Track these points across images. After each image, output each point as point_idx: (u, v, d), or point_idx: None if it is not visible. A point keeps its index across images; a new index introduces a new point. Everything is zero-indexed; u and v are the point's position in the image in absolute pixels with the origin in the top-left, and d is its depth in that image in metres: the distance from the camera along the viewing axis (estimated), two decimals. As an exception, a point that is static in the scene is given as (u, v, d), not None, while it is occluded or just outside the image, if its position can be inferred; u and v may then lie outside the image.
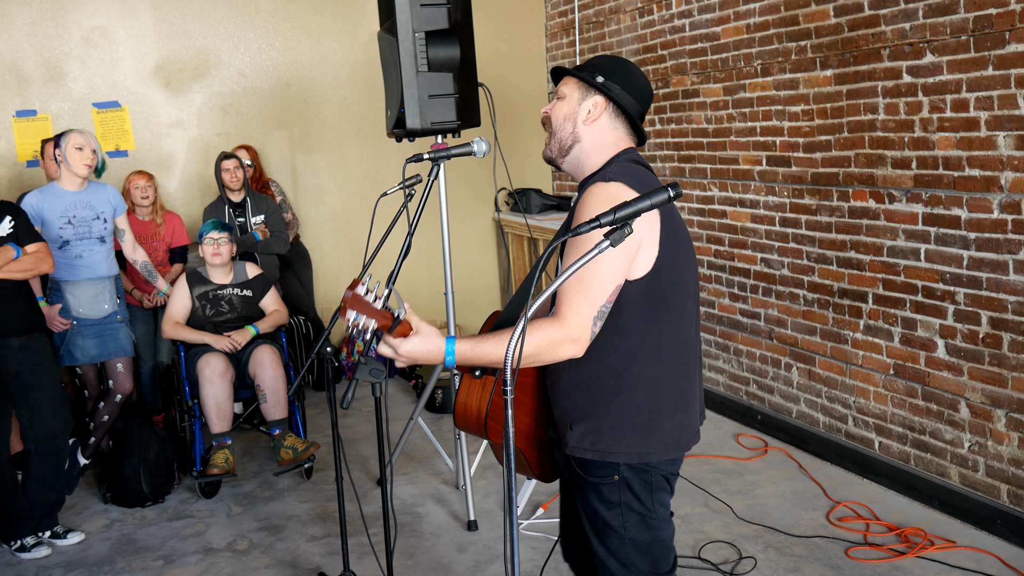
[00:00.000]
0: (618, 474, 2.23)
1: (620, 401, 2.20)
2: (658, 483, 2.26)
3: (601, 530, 2.28)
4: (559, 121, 2.33)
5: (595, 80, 2.28)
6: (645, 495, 2.25)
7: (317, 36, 6.66)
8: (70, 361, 4.64)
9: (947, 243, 3.94)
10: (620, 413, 2.20)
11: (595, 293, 2.06)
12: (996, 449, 3.83)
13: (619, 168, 2.21)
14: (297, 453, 4.54)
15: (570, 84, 2.34)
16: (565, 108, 2.33)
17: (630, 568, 2.28)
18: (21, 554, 4.07)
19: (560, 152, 2.34)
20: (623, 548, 2.27)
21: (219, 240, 4.84)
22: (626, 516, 2.25)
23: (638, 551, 2.27)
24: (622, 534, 2.26)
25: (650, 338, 2.18)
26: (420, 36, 3.97)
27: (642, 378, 2.20)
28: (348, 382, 3.68)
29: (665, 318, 2.20)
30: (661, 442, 2.22)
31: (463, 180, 6.80)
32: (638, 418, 2.21)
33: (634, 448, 2.21)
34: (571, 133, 2.31)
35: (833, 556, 3.73)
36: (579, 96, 2.31)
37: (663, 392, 2.22)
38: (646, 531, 2.27)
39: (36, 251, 4.05)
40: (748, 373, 5.29)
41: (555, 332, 2.05)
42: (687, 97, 5.55)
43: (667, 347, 2.21)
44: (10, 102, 5.96)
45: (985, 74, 3.69)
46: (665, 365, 2.22)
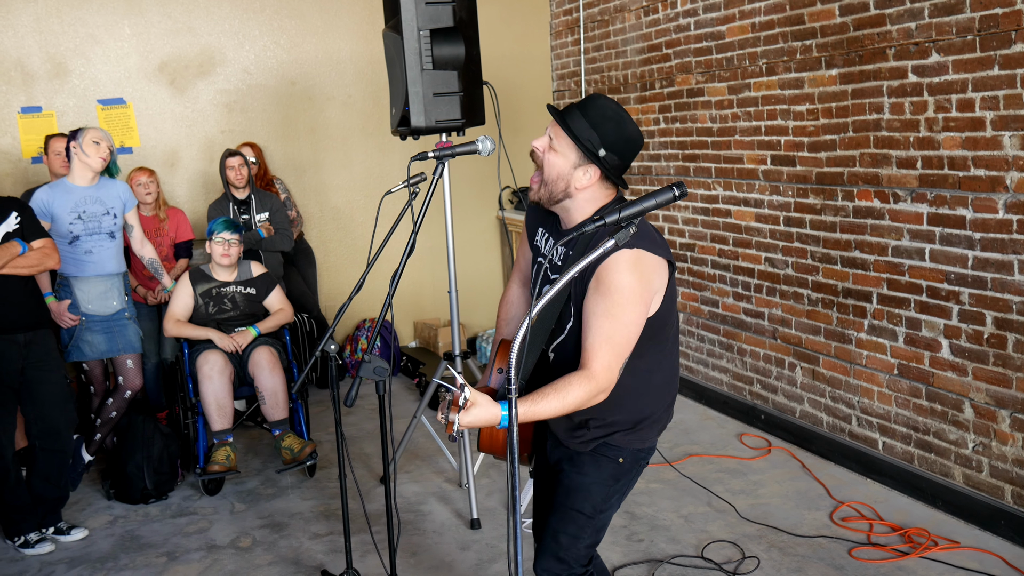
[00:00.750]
0: (623, 457, 2.48)
1: (636, 406, 2.46)
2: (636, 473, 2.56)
3: (578, 503, 2.48)
4: (552, 177, 2.37)
5: (597, 153, 2.32)
6: (629, 484, 2.55)
7: (322, 34, 6.66)
8: (78, 356, 4.65)
9: (952, 243, 3.93)
10: (635, 415, 2.47)
11: (622, 349, 2.27)
12: (1000, 449, 3.82)
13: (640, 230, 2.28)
14: (295, 453, 4.54)
15: (565, 144, 2.34)
16: (559, 166, 2.35)
17: (579, 539, 2.51)
18: (25, 550, 4.08)
19: (550, 201, 2.42)
20: (591, 522, 2.49)
21: (230, 241, 4.83)
22: (612, 495, 2.51)
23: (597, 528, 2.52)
24: (597, 511, 2.49)
25: (656, 356, 2.44)
26: (425, 34, 3.97)
27: (652, 387, 2.48)
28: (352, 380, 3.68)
29: (669, 334, 2.47)
30: (656, 429, 2.54)
31: (467, 178, 6.80)
32: (643, 418, 2.48)
33: (641, 440, 2.49)
34: (563, 191, 2.38)
35: (836, 556, 3.73)
36: (575, 159, 2.34)
37: (666, 392, 2.54)
38: (608, 515, 2.53)
39: (42, 247, 4.05)
40: (752, 373, 5.29)
41: (590, 388, 2.23)
42: (692, 96, 5.55)
43: (670, 356, 2.51)
44: (15, 98, 5.97)
45: (991, 74, 3.68)
46: (667, 372, 2.52)
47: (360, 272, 6.66)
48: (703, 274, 5.62)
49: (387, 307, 2.97)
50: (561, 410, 2.22)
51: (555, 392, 2.22)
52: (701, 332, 5.72)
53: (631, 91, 6.19)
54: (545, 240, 2.55)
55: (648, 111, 6.02)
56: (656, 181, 6.02)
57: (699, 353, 5.77)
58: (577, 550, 2.50)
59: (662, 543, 3.90)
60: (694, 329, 5.79)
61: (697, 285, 5.70)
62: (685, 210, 5.72)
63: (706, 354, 5.70)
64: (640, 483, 4.48)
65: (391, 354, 6.54)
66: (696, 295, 5.72)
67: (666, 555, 3.80)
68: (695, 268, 5.70)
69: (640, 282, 2.26)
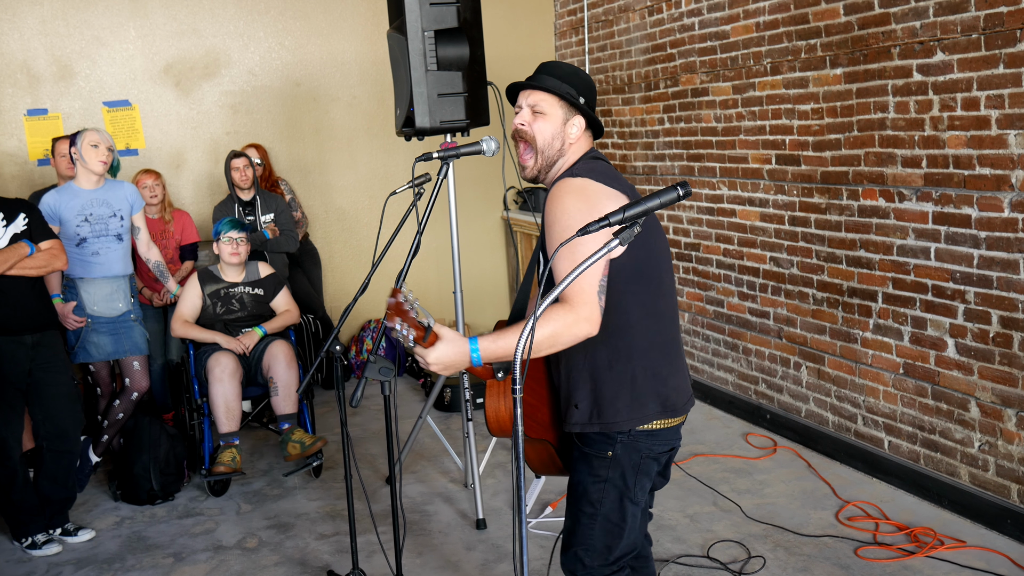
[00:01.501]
0: (612, 451, 2.36)
1: (615, 373, 2.34)
2: (645, 467, 2.40)
3: (579, 500, 2.43)
4: (547, 140, 2.44)
5: (578, 101, 2.42)
6: (631, 476, 2.39)
7: (326, 35, 6.67)
8: (85, 358, 4.66)
9: (957, 242, 3.92)
10: (617, 384, 2.35)
11: (591, 272, 2.17)
12: (1006, 448, 3.81)
13: (584, 165, 2.38)
14: (304, 447, 4.55)
15: (552, 103, 2.43)
16: (551, 128, 2.43)
17: (588, 544, 2.43)
18: (32, 551, 4.10)
19: (547, 168, 2.47)
20: (592, 523, 2.41)
21: (238, 239, 4.85)
22: (607, 491, 2.39)
23: (604, 527, 2.41)
24: (596, 508, 2.40)
25: (634, 311, 2.33)
26: (429, 35, 3.98)
27: (633, 349, 2.35)
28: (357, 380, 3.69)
29: (645, 291, 2.35)
30: (659, 405, 2.36)
31: (472, 179, 6.81)
32: (635, 387, 2.35)
33: (635, 414, 2.34)
34: (559, 150, 2.45)
35: (842, 556, 3.73)
36: (563, 116, 2.43)
37: (654, 359, 2.37)
38: (618, 511, 2.40)
39: (50, 248, 4.07)
40: (757, 372, 5.28)
41: (567, 314, 2.15)
42: (696, 96, 5.55)
43: (650, 317, 2.37)
44: (21, 101, 5.99)
45: (996, 72, 3.67)
46: (652, 334, 2.37)
47: (365, 273, 6.67)
48: (708, 274, 5.62)
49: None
50: (537, 342, 2.12)
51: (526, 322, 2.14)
52: (706, 332, 5.72)
53: (635, 91, 6.19)
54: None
55: (652, 111, 6.02)
56: (660, 181, 6.02)
57: (704, 353, 5.77)
58: (591, 548, 2.43)
59: (668, 543, 3.90)
60: (699, 329, 5.79)
61: (702, 285, 5.69)
62: (690, 210, 5.72)
63: (711, 354, 5.69)
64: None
65: (396, 355, 6.54)
66: (701, 295, 5.71)
67: (672, 555, 3.79)
68: (700, 268, 5.69)
69: (587, 204, 2.22)
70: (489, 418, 2.43)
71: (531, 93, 2.46)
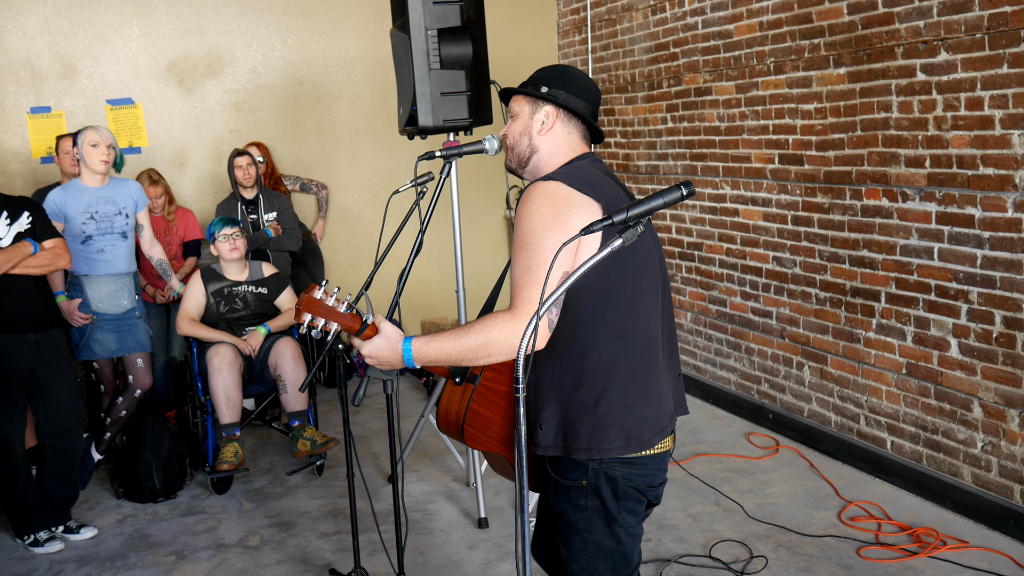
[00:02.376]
0: (586, 479, 2.23)
1: (579, 395, 2.20)
2: (625, 493, 2.26)
3: (566, 531, 2.32)
4: (515, 137, 2.42)
5: (540, 91, 2.37)
6: (612, 502, 2.25)
7: (330, 33, 6.67)
8: (88, 355, 4.67)
9: (961, 242, 3.92)
10: (580, 408, 2.20)
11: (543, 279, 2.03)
12: (1009, 449, 3.81)
13: (563, 170, 2.27)
14: (315, 445, 4.56)
15: (519, 101, 2.43)
16: (519, 125, 2.42)
17: (589, 570, 2.32)
18: (34, 548, 4.10)
19: (520, 164, 2.44)
20: (585, 551, 2.30)
21: (232, 235, 4.86)
22: (591, 520, 2.27)
23: (599, 554, 2.30)
24: (586, 537, 2.29)
25: (602, 331, 2.19)
26: (433, 34, 3.98)
27: (598, 371, 2.19)
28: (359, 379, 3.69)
29: (615, 311, 2.19)
30: (621, 436, 2.20)
31: (474, 178, 6.81)
32: (596, 412, 2.19)
33: (594, 443, 2.19)
34: (528, 146, 2.40)
35: (845, 556, 3.72)
36: (530, 110, 2.40)
37: (620, 385, 2.20)
38: (609, 537, 2.29)
39: (53, 247, 4.07)
40: (760, 372, 5.28)
41: (507, 322, 2.06)
42: (699, 95, 5.54)
43: (619, 339, 2.20)
44: (24, 99, 5.99)
45: (1000, 72, 3.66)
46: (619, 358, 2.20)
47: (368, 271, 6.68)
48: (711, 273, 5.62)
49: (394, 306, 2.98)
50: (466, 346, 2.06)
51: (464, 326, 2.09)
52: (709, 331, 5.71)
53: (639, 90, 6.19)
54: None
55: (656, 110, 6.01)
56: (664, 180, 6.02)
57: (707, 352, 5.76)
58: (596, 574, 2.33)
59: (670, 542, 3.90)
60: (702, 328, 5.79)
61: (705, 284, 5.69)
62: (693, 209, 5.72)
63: (714, 353, 5.69)
64: (648, 482, 4.47)
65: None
66: (704, 294, 5.71)
67: (674, 554, 3.79)
68: (703, 267, 5.69)
69: (553, 211, 2.12)
70: (439, 414, 2.39)
71: (510, 103, 2.47)
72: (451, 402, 2.36)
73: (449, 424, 2.38)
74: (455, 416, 2.34)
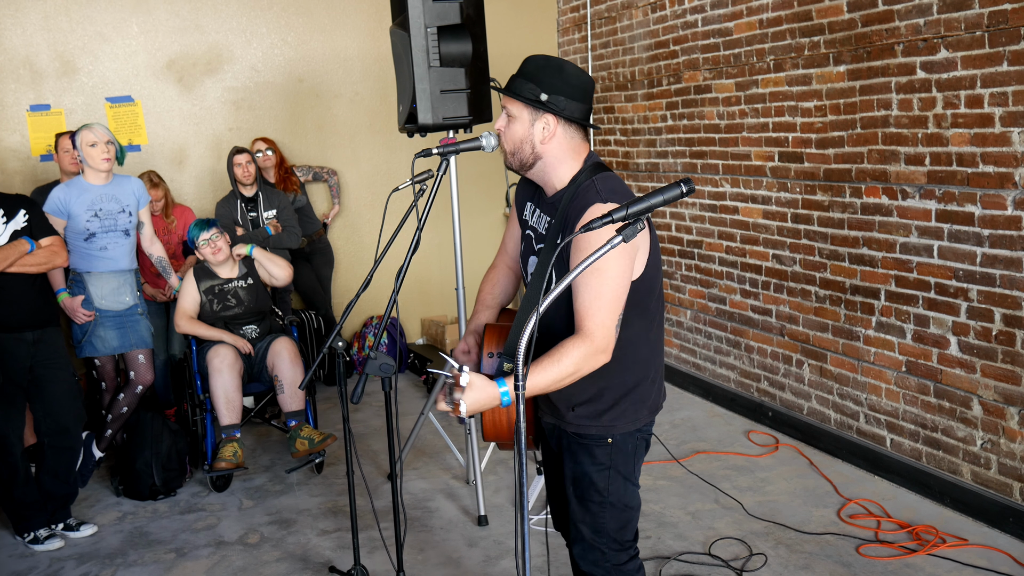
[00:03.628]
0: (612, 437, 2.43)
1: (619, 381, 2.41)
2: (640, 448, 2.50)
3: (585, 492, 2.46)
4: (516, 144, 2.41)
5: (539, 99, 2.35)
6: (631, 459, 2.47)
7: (329, 31, 6.66)
8: (91, 352, 4.67)
9: (960, 240, 3.92)
10: (620, 392, 2.41)
11: (614, 305, 2.22)
12: (1009, 447, 3.81)
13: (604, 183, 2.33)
14: (313, 444, 4.56)
15: (518, 105, 2.40)
16: (519, 131, 2.40)
17: (601, 532, 2.47)
18: (34, 546, 4.10)
19: (523, 167, 2.45)
20: (602, 510, 2.45)
21: (211, 238, 4.85)
22: (612, 478, 2.44)
23: (614, 514, 2.46)
24: (604, 496, 2.44)
25: (644, 325, 2.40)
26: (432, 31, 3.97)
27: (639, 359, 2.42)
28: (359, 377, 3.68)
29: (654, 306, 2.43)
30: (649, 408, 2.48)
31: (474, 175, 6.80)
32: (635, 393, 2.43)
33: (630, 417, 2.43)
34: (531, 154, 2.41)
35: (844, 553, 3.73)
36: (529, 117, 2.38)
37: (652, 367, 2.47)
38: (624, 495, 2.46)
39: (50, 245, 4.07)
40: (759, 370, 5.28)
41: (587, 349, 2.19)
42: (699, 92, 5.54)
43: (656, 329, 2.46)
44: (24, 96, 5.99)
45: (1000, 70, 3.66)
46: (654, 344, 2.47)
47: (367, 270, 6.68)
48: (710, 271, 5.61)
49: (392, 304, 2.98)
50: (559, 375, 2.17)
51: (550, 358, 2.18)
52: (708, 329, 5.71)
53: (638, 88, 6.19)
54: (532, 212, 2.57)
55: (655, 108, 6.01)
56: (663, 178, 6.02)
57: (706, 350, 5.76)
58: (606, 537, 2.46)
59: (669, 540, 3.90)
60: (701, 326, 5.78)
61: (704, 282, 5.69)
62: (692, 207, 5.72)
63: (713, 351, 5.69)
64: (647, 480, 4.48)
65: (398, 351, 6.54)
66: (703, 292, 5.71)
67: (673, 552, 3.79)
68: (702, 265, 5.69)
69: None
70: (486, 424, 2.42)
71: (504, 99, 2.44)
72: (497, 410, 2.40)
73: (501, 430, 2.44)
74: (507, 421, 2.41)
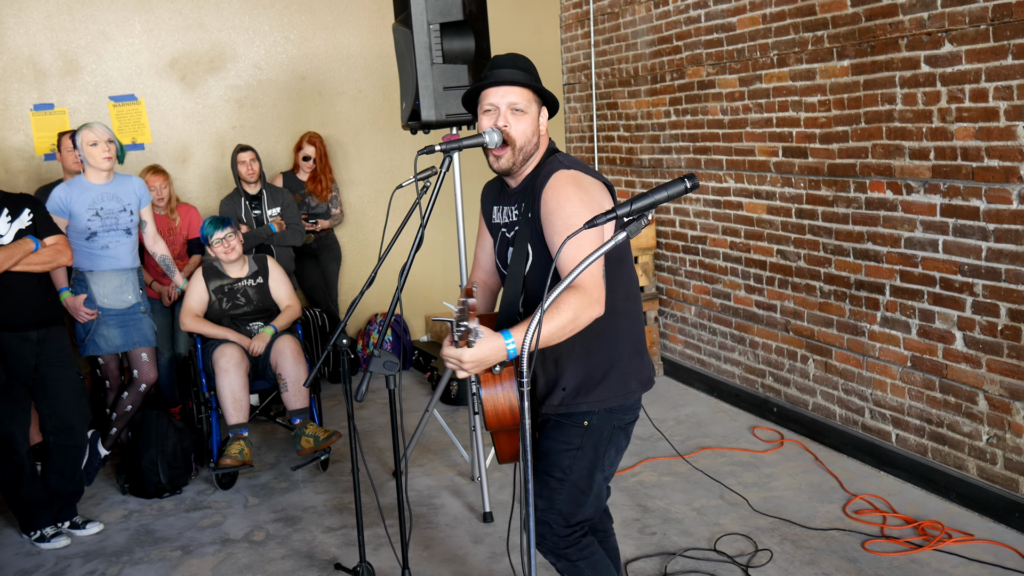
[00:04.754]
0: (588, 420, 2.46)
1: (603, 355, 2.46)
2: (615, 438, 2.52)
3: (548, 468, 2.50)
4: (527, 135, 2.46)
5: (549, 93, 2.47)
6: (602, 445, 2.50)
7: (332, 29, 6.66)
8: (94, 351, 4.68)
9: (965, 234, 3.91)
10: (606, 365, 2.47)
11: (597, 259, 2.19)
12: (1015, 442, 3.80)
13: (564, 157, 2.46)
14: (318, 441, 4.56)
15: (526, 96, 2.44)
16: (529, 123, 2.45)
17: (553, 507, 2.51)
18: (41, 544, 4.11)
19: (523, 160, 2.49)
20: (560, 487, 2.49)
21: (225, 237, 4.85)
22: (578, 459, 2.48)
23: (570, 495, 2.49)
24: (566, 475, 2.48)
25: (619, 294, 2.44)
26: (435, 28, 3.97)
27: (619, 329, 2.47)
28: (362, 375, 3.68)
29: (626, 275, 2.49)
30: (638, 380, 2.52)
31: (478, 172, 6.78)
32: (620, 364, 2.48)
33: (619, 391, 2.47)
34: (535, 144, 2.49)
35: (850, 549, 3.72)
36: (536, 109, 2.48)
37: (634, 337, 2.53)
38: (587, 479, 2.50)
39: (55, 243, 4.08)
40: (764, 365, 5.28)
41: (581, 298, 2.22)
42: (703, 88, 5.53)
43: (632, 298, 2.52)
44: (27, 96, 6.00)
45: (1004, 63, 3.65)
46: (633, 314, 2.52)
47: (371, 267, 6.68)
48: (715, 267, 5.61)
49: (396, 301, 2.98)
50: (560, 324, 2.19)
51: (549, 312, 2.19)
52: (713, 325, 5.71)
53: (642, 83, 6.18)
54: (499, 211, 2.61)
55: (659, 103, 6.00)
56: (667, 173, 6.01)
57: (711, 346, 5.76)
58: (554, 512, 2.51)
59: (675, 536, 3.90)
60: (706, 322, 5.78)
61: (709, 278, 5.68)
62: (696, 202, 5.71)
63: (718, 347, 5.68)
64: (652, 476, 4.48)
65: (402, 348, 6.55)
66: (708, 287, 5.70)
67: (679, 548, 3.79)
68: (707, 260, 5.68)
69: (587, 194, 2.34)
70: (487, 412, 2.42)
71: (509, 91, 2.43)
72: (497, 396, 2.43)
73: (504, 417, 2.44)
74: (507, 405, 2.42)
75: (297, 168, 6.34)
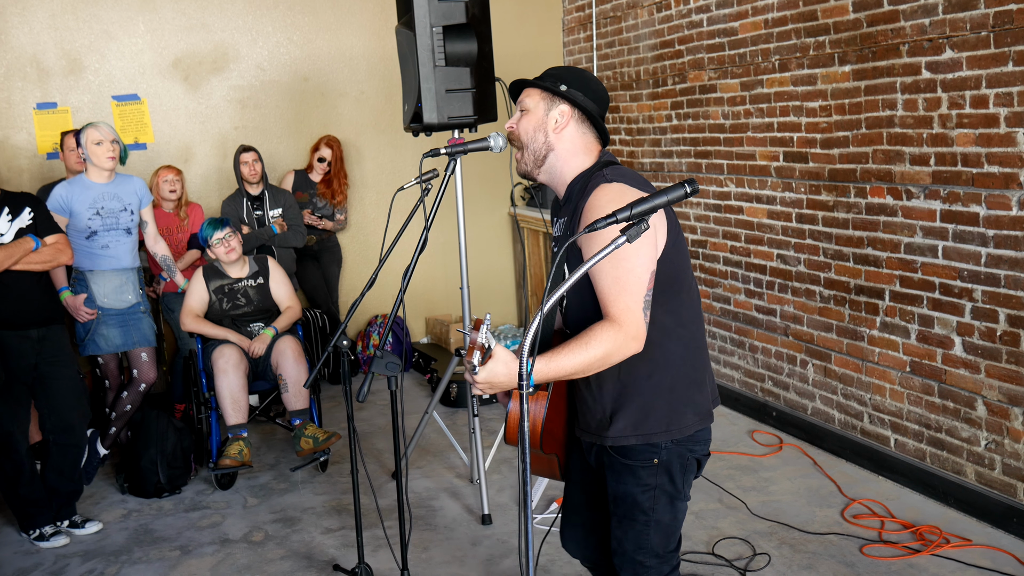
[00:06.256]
0: (658, 457, 2.33)
1: (653, 383, 2.31)
2: (690, 466, 2.39)
3: (629, 512, 2.38)
4: (529, 134, 2.39)
5: (559, 88, 2.35)
6: (679, 477, 2.36)
7: (335, 30, 6.67)
8: (94, 350, 4.69)
9: (965, 240, 3.91)
10: (655, 394, 2.31)
11: (635, 287, 2.14)
12: (1013, 447, 3.81)
13: (613, 170, 2.30)
14: (318, 442, 4.57)
15: (534, 96, 2.40)
16: (533, 120, 2.39)
17: (644, 547, 2.39)
18: (40, 543, 4.12)
19: (536, 163, 2.40)
20: (647, 529, 2.38)
21: (224, 237, 4.85)
22: (657, 498, 2.35)
23: (658, 531, 2.38)
24: (649, 515, 2.37)
25: (670, 319, 2.30)
26: (438, 30, 3.98)
27: (670, 357, 2.32)
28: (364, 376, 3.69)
29: (680, 298, 2.32)
30: (696, 413, 2.35)
31: (479, 175, 6.81)
32: (672, 395, 2.32)
33: (674, 424, 2.32)
34: (544, 143, 2.38)
35: (848, 553, 3.73)
36: (545, 106, 2.38)
37: (690, 366, 2.35)
38: (669, 512, 2.38)
39: (55, 242, 4.08)
40: (763, 369, 5.28)
41: (616, 334, 2.12)
42: (704, 92, 5.54)
43: (686, 324, 2.35)
44: (31, 94, 6.01)
45: (1005, 70, 3.66)
46: (687, 341, 2.35)
47: (372, 269, 6.68)
48: (715, 271, 5.62)
49: (399, 303, 2.99)
50: (588, 359, 2.10)
51: (578, 341, 2.11)
52: (713, 329, 5.71)
53: (643, 87, 6.19)
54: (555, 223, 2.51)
55: (660, 107, 6.01)
56: (668, 178, 6.02)
57: (711, 350, 5.76)
58: (650, 550, 2.40)
59: (673, 539, 3.90)
60: (706, 326, 5.78)
61: (709, 282, 5.69)
62: (697, 207, 5.72)
63: (717, 351, 5.69)
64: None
65: (403, 350, 6.55)
66: (708, 292, 5.71)
67: (677, 551, 3.80)
68: (707, 264, 5.69)
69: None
70: (509, 426, 2.34)
71: (523, 96, 2.43)
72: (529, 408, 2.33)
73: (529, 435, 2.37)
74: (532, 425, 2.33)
75: (311, 168, 6.36)
